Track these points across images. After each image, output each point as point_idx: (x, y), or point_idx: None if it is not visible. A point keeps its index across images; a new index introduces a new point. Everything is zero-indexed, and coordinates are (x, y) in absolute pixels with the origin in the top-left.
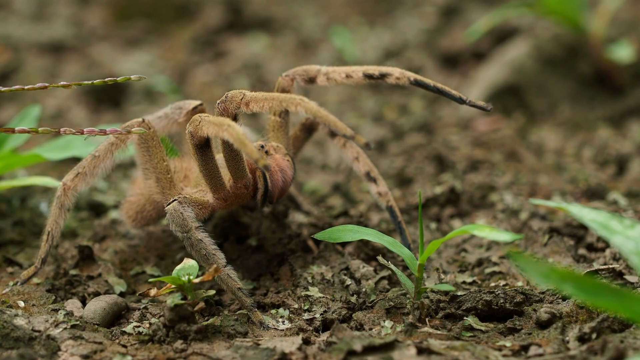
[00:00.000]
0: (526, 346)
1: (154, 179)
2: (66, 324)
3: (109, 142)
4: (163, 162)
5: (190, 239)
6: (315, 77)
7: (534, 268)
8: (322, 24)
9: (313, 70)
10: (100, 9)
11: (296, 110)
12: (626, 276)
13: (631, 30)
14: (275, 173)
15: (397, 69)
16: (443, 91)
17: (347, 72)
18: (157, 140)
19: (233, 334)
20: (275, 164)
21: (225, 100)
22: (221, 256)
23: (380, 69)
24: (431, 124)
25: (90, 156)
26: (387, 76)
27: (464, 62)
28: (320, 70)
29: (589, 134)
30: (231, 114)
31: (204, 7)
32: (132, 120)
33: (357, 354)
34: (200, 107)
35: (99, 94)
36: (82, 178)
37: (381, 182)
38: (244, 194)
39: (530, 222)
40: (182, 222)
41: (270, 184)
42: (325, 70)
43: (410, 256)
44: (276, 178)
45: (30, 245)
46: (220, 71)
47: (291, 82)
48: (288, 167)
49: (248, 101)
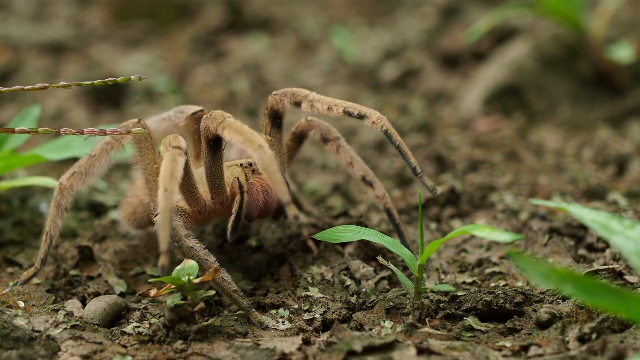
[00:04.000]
0: (526, 346)
1: (144, 180)
2: (66, 324)
3: (105, 142)
4: (153, 165)
5: (181, 247)
6: (300, 102)
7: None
8: (322, 24)
9: (300, 95)
10: (100, 9)
11: (250, 155)
12: (626, 276)
13: (631, 30)
14: (256, 193)
15: (376, 114)
16: (404, 155)
17: (330, 104)
18: (150, 142)
19: (233, 334)
20: (260, 184)
21: (209, 118)
22: (213, 259)
23: (360, 110)
24: (431, 124)
25: (86, 156)
26: (365, 118)
27: (464, 62)
28: (307, 97)
29: (589, 134)
30: (211, 133)
31: (204, 7)
32: (128, 121)
33: (357, 354)
34: (201, 112)
35: (99, 94)
36: (77, 177)
37: (377, 184)
38: (219, 211)
39: (530, 222)
40: (172, 232)
41: (247, 205)
42: (312, 97)
43: (410, 256)
44: (256, 198)
45: (30, 246)
46: (220, 71)
47: (280, 101)
48: (273, 189)
49: (224, 127)
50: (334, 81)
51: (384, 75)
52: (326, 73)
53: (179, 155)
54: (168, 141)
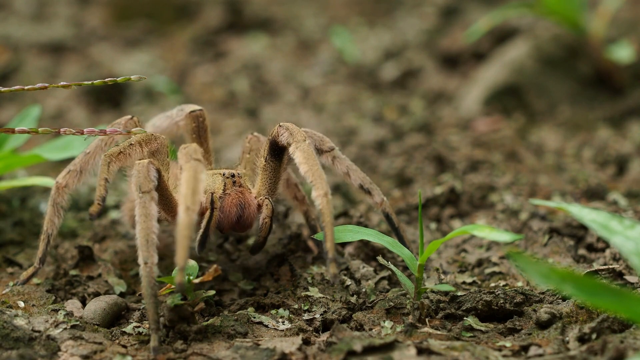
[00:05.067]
0: (526, 346)
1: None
2: (66, 324)
3: (99, 139)
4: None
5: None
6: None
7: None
8: (322, 24)
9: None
10: (100, 9)
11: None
12: (626, 276)
13: (631, 30)
14: (228, 207)
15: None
16: (401, 238)
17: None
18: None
19: (233, 334)
20: (237, 198)
21: (288, 130)
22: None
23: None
24: (431, 124)
25: (81, 154)
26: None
27: (464, 62)
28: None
29: (589, 134)
30: (281, 143)
31: (204, 7)
32: (121, 118)
33: (357, 354)
34: (200, 111)
35: (99, 94)
36: (73, 175)
37: (375, 191)
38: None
39: (530, 222)
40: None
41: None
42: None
43: (410, 256)
44: (229, 212)
45: (30, 246)
46: (220, 71)
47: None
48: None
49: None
50: (334, 81)
51: (384, 75)
52: (326, 73)
53: (200, 172)
54: (189, 152)
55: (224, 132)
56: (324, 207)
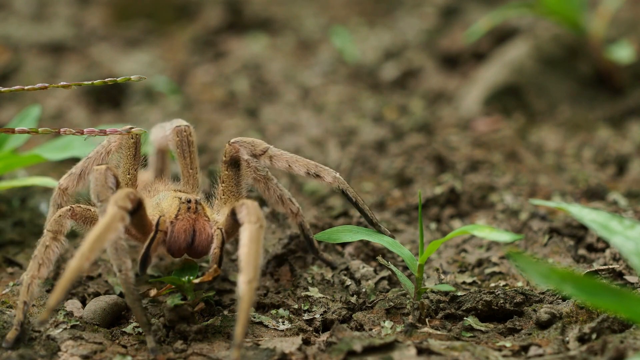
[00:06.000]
0: (526, 346)
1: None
2: (66, 324)
3: (101, 145)
4: (127, 175)
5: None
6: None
7: (534, 268)
8: (322, 24)
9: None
10: (100, 9)
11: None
12: (626, 276)
13: (631, 30)
14: (178, 233)
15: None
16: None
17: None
18: (131, 150)
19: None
20: (190, 224)
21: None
22: None
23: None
24: (431, 124)
25: (84, 158)
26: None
27: (464, 62)
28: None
29: (589, 134)
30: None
31: (204, 7)
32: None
33: (357, 354)
34: (186, 127)
35: (99, 94)
36: (73, 179)
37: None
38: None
39: (530, 222)
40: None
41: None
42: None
43: (410, 256)
44: (178, 238)
45: (30, 246)
46: (220, 71)
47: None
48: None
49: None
50: (334, 81)
51: (384, 75)
52: (326, 73)
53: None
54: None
55: (224, 132)
56: (244, 295)
